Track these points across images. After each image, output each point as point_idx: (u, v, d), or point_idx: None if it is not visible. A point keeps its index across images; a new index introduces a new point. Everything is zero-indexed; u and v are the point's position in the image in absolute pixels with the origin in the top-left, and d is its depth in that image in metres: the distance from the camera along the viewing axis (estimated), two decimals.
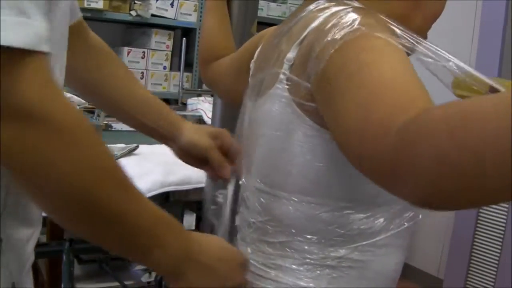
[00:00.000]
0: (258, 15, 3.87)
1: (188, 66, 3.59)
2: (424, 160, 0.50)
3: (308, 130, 0.76)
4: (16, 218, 0.70)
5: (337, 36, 0.68)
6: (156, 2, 3.41)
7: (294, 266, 0.81)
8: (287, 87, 0.77)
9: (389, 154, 0.55)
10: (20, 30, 0.52)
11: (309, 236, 0.80)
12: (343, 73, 0.65)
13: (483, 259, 2.79)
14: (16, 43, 0.52)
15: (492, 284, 2.74)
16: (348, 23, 0.69)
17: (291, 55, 0.78)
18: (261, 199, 0.84)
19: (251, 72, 0.97)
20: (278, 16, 3.93)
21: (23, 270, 0.73)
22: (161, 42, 3.55)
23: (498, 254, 2.71)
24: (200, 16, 3.55)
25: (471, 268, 2.84)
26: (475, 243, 2.81)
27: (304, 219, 0.80)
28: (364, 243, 0.80)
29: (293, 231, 0.81)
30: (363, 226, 0.79)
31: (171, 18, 3.49)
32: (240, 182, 0.94)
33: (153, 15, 3.39)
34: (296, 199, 0.80)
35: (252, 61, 0.98)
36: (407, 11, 0.84)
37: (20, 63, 0.53)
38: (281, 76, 0.78)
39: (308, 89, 0.74)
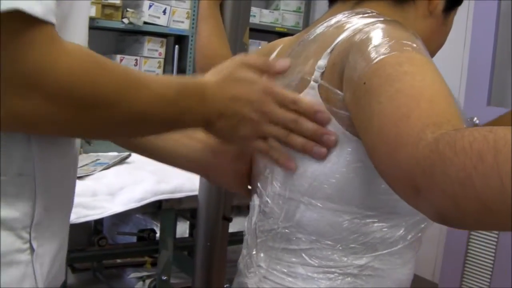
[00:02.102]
0: (251, 21, 3.88)
1: (181, 73, 3.59)
2: (452, 179, 0.51)
3: (338, 136, 0.76)
4: (45, 231, 0.69)
5: (378, 50, 0.69)
6: (149, 9, 3.42)
7: (315, 275, 0.81)
8: (319, 93, 0.77)
9: (417, 165, 0.56)
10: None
11: (332, 243, 0.80)
12: (384, 78, 0.66)
13: (478, 263, 2.79)
14: (30, 10, 0.53)
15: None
16: (387, 38, 0.70)
17: (322, 62, 0.78)
18: (284, 205, 0.83)
19: None
20: (271, 23, 3.94)
21: (52, 285, 0.73)
22: (153, 49, 3.55)
23: (492, 258, 2.72)
24: (193, 24, 3.55)
25: (465, 272, 2.85)
26: (469, 247, 2.81)
27: (328, 225, 0.79)
28: (384, 252, 0.80)
29: (317, 237, 0.80)
30: (385, 235, 0.79)
31: (163, 26, 3.50)
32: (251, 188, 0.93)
33: (145, 23, 3.40)
34: (321, 205, 0.79)
35: None
36: (432, 34, 0.88)
37: (32, 31, 0.55)
38: (312, 82, 0.78)
39: (341, 97, 0.74)
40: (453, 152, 0.52)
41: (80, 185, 1.79)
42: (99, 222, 2.55)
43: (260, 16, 3.92)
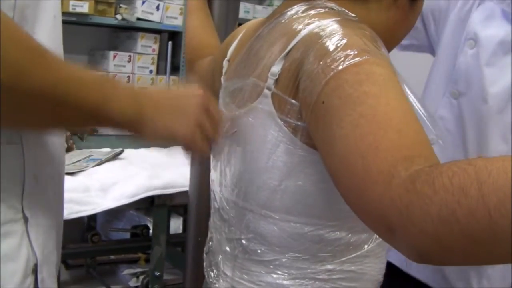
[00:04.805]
0: (244, 17, 3.88)
1: (175, 70, 3.58)
2: (433, 218, 0.49)
3: (294, 149, 0.73)
4: (37, 201, 0.70)
5: (336, 58, 0.65)
6: (142, 5, 3.41)
7: (285, 282, 0.79)
8: (272, 103, 0.74)
9: (391, 205, 0.53)
10: None
11: (296, 255, 0.78)
12: (344, 98, 0.62)
13: None
14: None
15: None
16: (344, 44, 0.66)
17: (275, 69, 0.73)
18: (244, 217, 0.81)
19: (224, 70, 0.93)
20: None
21: (47, 261, 0.72)
22: (147, 45, 3.54)
23: None
24: None
25: None
26: None
27: (290, 238, 0.77)
28: (352, 256, 0.79)
29: (279, 249, 0.78)
30: (350, 240, 0.78)
31: (157, 22, 3.49)
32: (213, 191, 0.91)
33: (138, 19, 3.39)
34: (280, 219, 0.77)
35: (225, 59, 0.94)
36: (395, 25, 0.83)
37: None
38: (266, 91, 0.75)
39: (296, 107, 0.71)
40: (432, 190, 0.50)
41: (72, 181, 1.79)
42: (92, 218, 2.54)
43: (253, 12, 3.91)
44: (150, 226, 2.44)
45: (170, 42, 3.19)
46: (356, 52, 0.65)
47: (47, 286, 0.71)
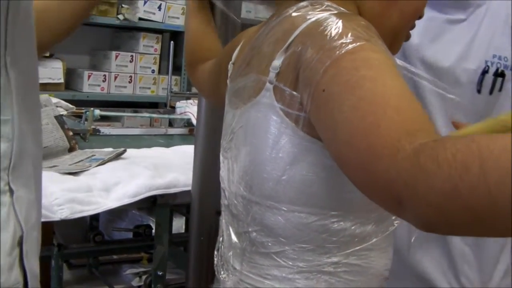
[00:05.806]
0: (246, 17, 3.88)
1: (177, 70, 3.59)
2: (437, 191, 0.51)
3: (296, 140, 0.75)
4: (20, 176, 0.72)
5: (333, 47, 0.67)
6: (144, 5, 3.42)
7: (290, 276, 0.81)
8: (274, 95, 0.77)
9: (397, 177, 0.55)
10: None
11: (302, 245, 0.80)
12: (343, 85, 0.65)
13: None
14: None
15: None
16: (340, 32, 0.68)
17: (276, 62, 0.76)
18: (251, 209, 0.83)
19: (229, 74, 0.95)
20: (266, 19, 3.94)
21: (30, 236, 0.74)
22: (149, 45, 3.55)
23: None
24: None
25: None
26: None
27: (295, 228, 0.79)
28: (357, 248, 0.80)
29: (285, 240, 0.80)
30: (355, 232, 0.79)
31: (158, 22, 3.50)
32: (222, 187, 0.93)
33: (140, 19, 3.40)
34: (285, 209, 0.79)
35: (230, 63, 0.97)
36: (383, 9, 0.84)
37: None
38: (268, 84, 0.77)
39: (297, 98, 0.73)
40: (436, 164, 0.51)
41: (75, 181, 1.79)
42: (94, 218, 2.55)
43: (255, 11, 3.92)
44: (153, 225, 2.44)
45: (172, 42, 3.19)
46: (351, 39, 0.67)
47: (30, 262, 0.73)
